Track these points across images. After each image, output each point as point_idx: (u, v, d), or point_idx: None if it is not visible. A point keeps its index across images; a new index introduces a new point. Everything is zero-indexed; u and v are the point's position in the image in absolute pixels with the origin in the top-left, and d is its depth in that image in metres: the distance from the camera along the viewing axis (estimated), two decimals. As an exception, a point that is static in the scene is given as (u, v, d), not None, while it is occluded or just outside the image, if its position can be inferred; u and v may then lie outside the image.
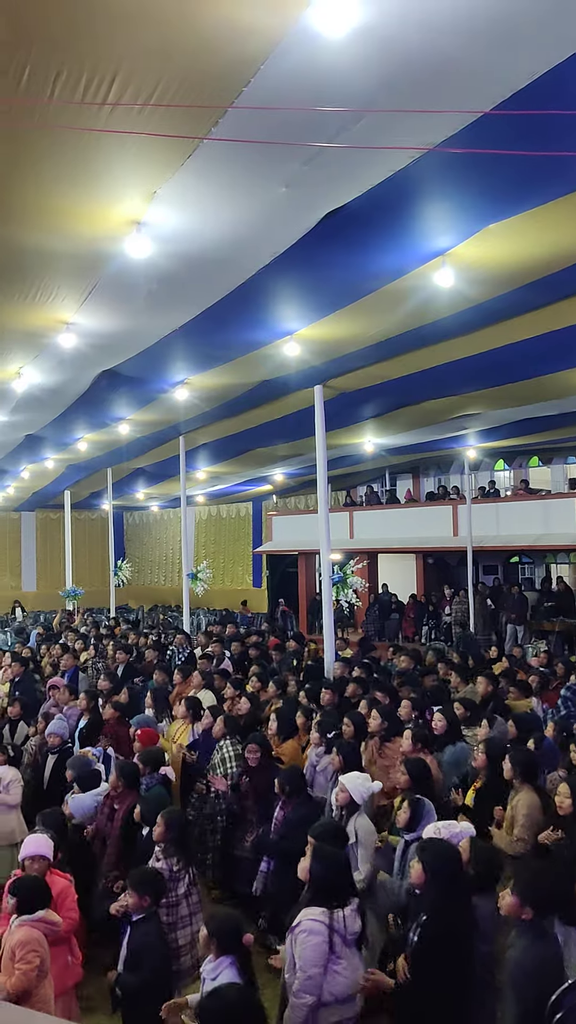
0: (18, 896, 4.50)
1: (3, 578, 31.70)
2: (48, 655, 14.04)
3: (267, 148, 5.23)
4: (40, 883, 4.68)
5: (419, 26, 4.23)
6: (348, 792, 5.57)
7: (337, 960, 4.10)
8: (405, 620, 21.60)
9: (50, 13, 4.08)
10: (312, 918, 4.14)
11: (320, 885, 4.33)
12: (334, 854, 4.54)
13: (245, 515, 29.99)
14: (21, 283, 7.86)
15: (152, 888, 4.60)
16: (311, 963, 4.02)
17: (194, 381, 12.01)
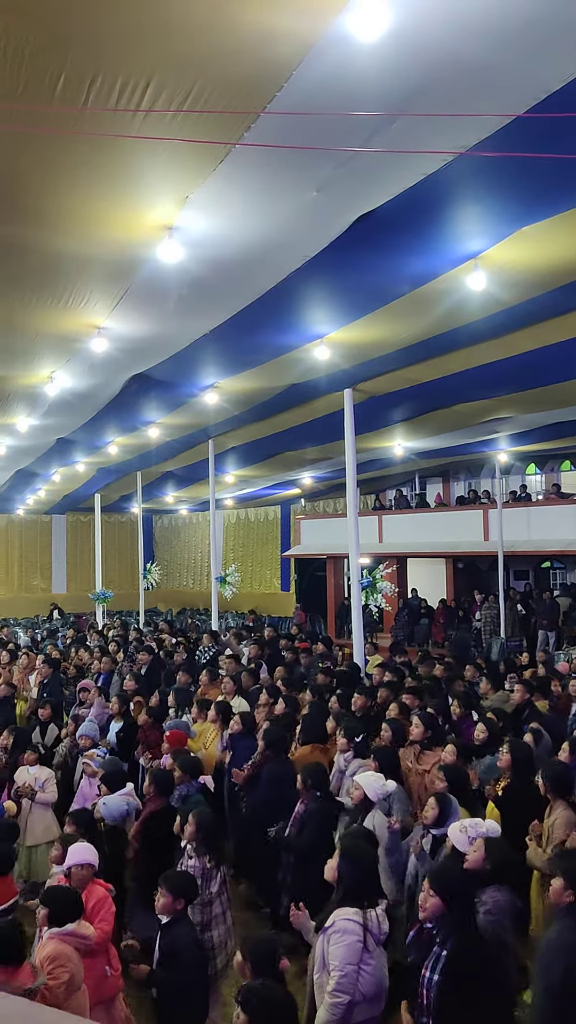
0: (49, 907, 4.42)
1: (34, 580, 31.99)
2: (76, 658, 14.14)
3: (299, 152, 5.23)
4: (72, 894, 4.58)
5: (452, 28, 4.21)
6: (363, 790, 5.63)
7: (368, 960, 4.11)
8: (435, 625, 21.47)
9: (85, 21, 4.11)
10: (346, 918, 4.14)
11: (350, 884, 4.33)
12: (363, 852, 4.52)
13: (273, 519, 30.01)
14: (54, 288, 7.93)
15: (184, 891, 4.58)
16: (347, 962, 4.02)
17: (224, 385, 12.05)
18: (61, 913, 4.39)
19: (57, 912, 4.39)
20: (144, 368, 11.07)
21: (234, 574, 17.51)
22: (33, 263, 7.32)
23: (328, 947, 4.11)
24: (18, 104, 4.74)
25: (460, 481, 24.87)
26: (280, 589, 29.07)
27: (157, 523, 35.29)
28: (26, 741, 8.33)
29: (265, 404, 13.32)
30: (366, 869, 4.42)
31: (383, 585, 11.41)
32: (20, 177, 5.73)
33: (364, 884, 4.34)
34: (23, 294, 8.09)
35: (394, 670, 10.41)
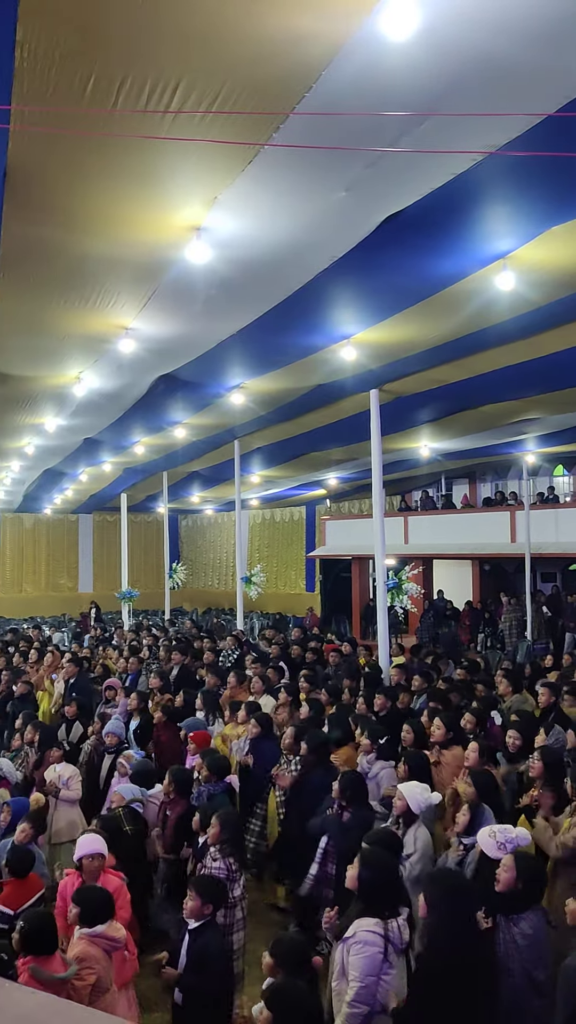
0: (81, 907, 4.43)
1: (61, 579, 32.25)
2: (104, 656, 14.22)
3: (328, 153, 5.22)
4: (104, 895, 4.58)
5: (483, 27, 4.18)
6: (405, 801, 5.47)
7: (388, 970, 4.06)
8: (460, 627, 21.35)
9: (116, 23, 4.13)
10: (368, 929, 4.09)
11: (369, 893, 4.25)
12: (384, 860, 4.45)
13: (299, 519, 30.01)
14: (82, 289, 7.98)
15: (214, 896, 4.57)
16: (367, 973, 3.98)
17: (250, 385, 12.06)
18: (92, 913, 4.39)
19: (89, 911, 4.40)
20: (171, 369, 11.11)
21: (259, 574, 17.52)
22: (62, 265, 7.37)
23: (348, 957, 4.07)
24: (48, 106, 4.78)
25: (487, 482, 24.71)
26: (305, 590, 29.06)
27: (183, 523, 35.42)
28: (52, 738, 8.40)
29: (291, 404, 13.32)
30: (387, 878, 4.33)
31: (409, 586, 11.36)
32: (49, 179, 5.77)
33: (385, 894, 4.26)
34: (52, 295, 8.14)
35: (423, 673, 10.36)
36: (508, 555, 20.54)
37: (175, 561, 22.57)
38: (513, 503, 21.26)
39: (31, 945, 4.10)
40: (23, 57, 4.34)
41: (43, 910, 4.56)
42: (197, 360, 10.59)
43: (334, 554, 25.24)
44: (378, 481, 11.82)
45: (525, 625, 18.65)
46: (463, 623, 21.43)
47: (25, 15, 3.98)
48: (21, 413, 13.83)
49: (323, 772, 6.58)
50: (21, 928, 4.16)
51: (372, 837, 4.93)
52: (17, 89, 4.61)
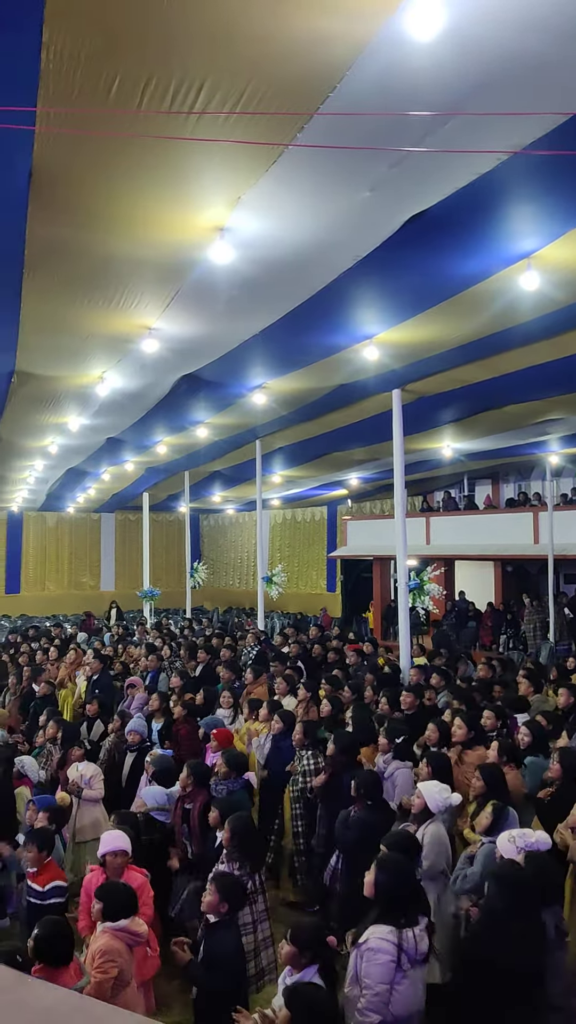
0: (104, 901, 4.47)
1: (83, 577, 32.45)
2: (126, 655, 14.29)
3: (352, 152, 5.21)
4: (127, 890, 4.64)
5: (508, 26, 4.15)
6: (424, 799, 5.47)
7: (401, 979, 4.00)
8: (482, 628, 21.25)
9: (140, 24, 4.14)
10: (380, 936, 4.04)
11: (386, 899, 4.21)
12: (401, 865, 4.40)
13: (320, 519, 29.99)
14: (106, 289, 8.02)
15: (233, 895, 4.58)
16: (379, 981, 3.93)
17: (272, 385, 12.07)
18: (116, 908, 4.44)
19: (112, 906, 4.45)
20: (193, 368, 11.14)
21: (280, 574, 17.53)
22: (86, 265, 7.41)
23: (361, 964, 4.04)
24: (73, 107, 4.80)
25: (510, 483, 24.55)
26: (326, 590, 29.04)
27: (204, 522, 35.52)
28: (75, 736, 8.45)
29: (313, 404, 13.31)
30: (403, 884, 4.28)
31: (431, 587, 11.33)
32: (74, 180, 5.80)
33: (401, 901, 4.21)
34: (76, 295, 8.19)
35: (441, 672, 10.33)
36: (531, 556, 20.40)
37: (196, 560, 22.63)
38: (536, 504, 21.12)
39: (44, 954, 4.06)
40: (49, 59, 4.36)
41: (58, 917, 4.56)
42: (219, 360, 10.62)
43: (355, 554, 25.19)
44: (400, 481, 11.79)
45: (548, 627, 18.53)
46: (485, 624, 21.32)
47: (51, 17, 4.00)
48: (45, 412, 13.92)
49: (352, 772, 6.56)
50: (35, 935, 4.12)
51: (390, 840, 4.90)
52: (43, 91, 4.64)
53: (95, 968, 4.21)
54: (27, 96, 4.65)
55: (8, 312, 8.49)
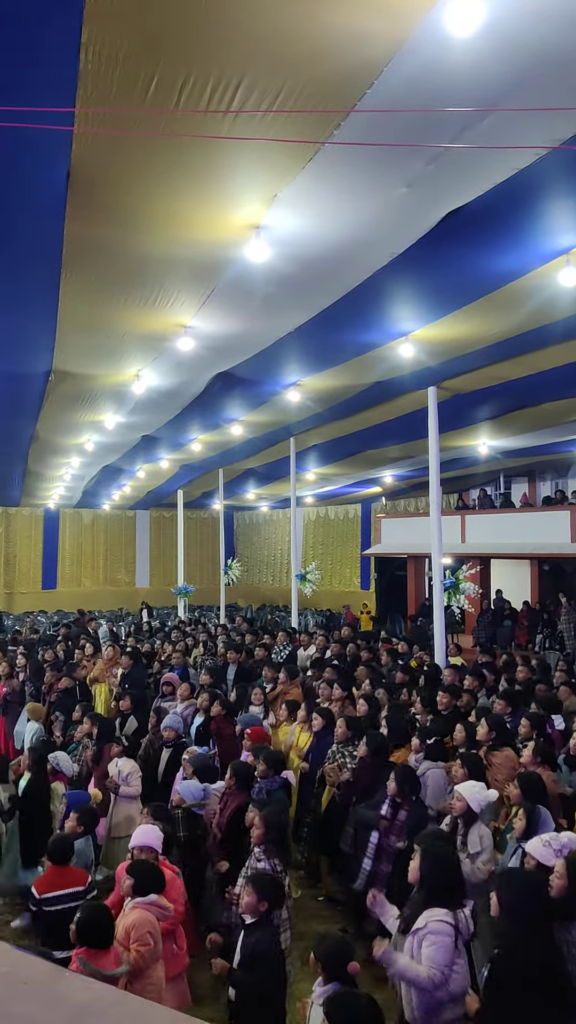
0: (135, 878, 4.67)
1: (118, 574, 32.72)
2: (161, 651, 14.38)
3: (389, 149, 5.18)
4: (155, 868, 4.85)
5: (548, 21, 4.10)
6: (465, 801, 5.44)
7: (458, 959, 4.11)
8: (518, 628, 21.06)
9: (178, 24, 4.15)
10: (439, 919, 4.12)
11: (433, 884, 4.30)
12: (444, 852, 4.49)
13: (354, 517, 29.92)
14: (142, 288, 8.07)
15: (271, 894, 4.59)
16: (442, 963, 4.01)
17: (307, 383, 12.06)
18: (145, 883, 4.64)
19: (142, 882, 4.65)
20: (228, 366, 11.18)
21: (314, 572, 17.54)
22: (123, 264, 7.46)
23: (421, 949, 4.08)
24: (111, 107, 4.84)
25: (546, 481, 24.28)
26: (360, 588, 28.97)
27: (238, 519, 35.63)
28: (110, 732, 8.51)
29: (348, 402, 13.28)
30: (449, 868, 4.40)
31: (466, 586, 11.26)
32: (111, 180, 5.84)
33: (449, 883, 4.32)
34: (113, 295, 8.25)
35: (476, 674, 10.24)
36: (568, 555, 20.17)
37: (230, 557, 22.72)
38: (573, 502, 20.87)
39: (85, 937, 4.22)
40: (87, 59, 4.40)
41: (99, 903, 4.67)
42: (254, 358, 10.64)
43: (389, 552, 25.09)
44: (435, 479, 11.73)
45: (585, 626, 18.31)
46: (521, 623, 21.13)
47: (90, 18, 4.03)
48: (81, 410, 14.05)
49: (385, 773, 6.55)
50: (77, 919, 4.30)
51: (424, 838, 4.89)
52: (81, 92, 4.68)
53: (134, 940, 4.32)
54: (66, 97, 4.69)
55: (46, 312, 8.58)
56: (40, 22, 4.09)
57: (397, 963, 4.08)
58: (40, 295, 8.10)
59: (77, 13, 3.99)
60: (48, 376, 11.36)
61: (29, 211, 6.22)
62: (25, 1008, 1.36)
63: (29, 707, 10.44)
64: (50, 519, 31.37)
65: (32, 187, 5.84)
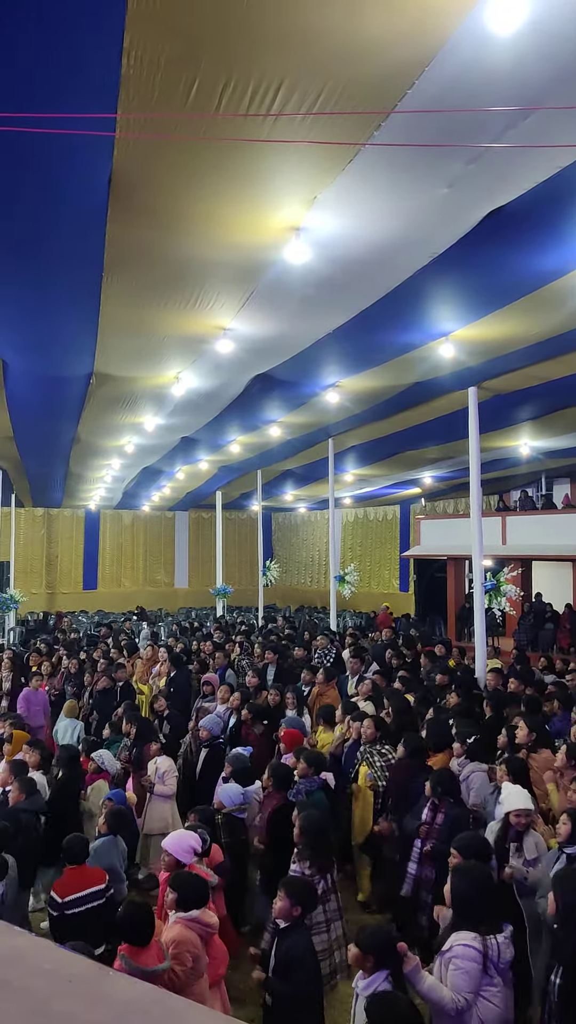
0: (178, 892, 4.56)
1: (157, 575, 32.96)
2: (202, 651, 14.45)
3: (430, 149, 5.15)
4: (199, 881, 4.70)
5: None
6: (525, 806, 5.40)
7: (488, 985, 3.95)
8: (560, 631, 20.77)
9: (219, 28, 4.17)
10: (464, 943, 3.99)
11: (463, 905, 4.15)
12: (477, 873, 4.34)
13: (392, 518, 29.79)
14: (182, 291, 8.12)
15: (304, 898, 4.57)
16: (466, 990, 3.89)
17: (345, 384, 12.04)
18: (188, 899, 4.52)
19: (185, 896, 4.53)
20: (267, 368, 11.20)
21: (353, 573, 17.49)
22: (163, 268, 7.51)
23: (445, 972, 3.99)
24: (152, 112, 4.87)
25: (589, 482, 23.94)
26: (399, 589, 28.83)
27: (276, 520, 35.67)
28: (149, 732, 8.58)
29: (387, 403, 13.23)
30: (480, 890, 4.21)
31: (507, 588, 11.14)
32: (152, 183, 5.88)
33: (479, 906, 4.14)
34: (153, 298, 8.31)
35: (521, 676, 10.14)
36: (611, 557, 19.85)
37: (268, 558, 22.75)
38: (616, 504, 20.55)
39: (127, 934, 4.23)
40: (129, 65, 4.43)
41: (142, 900, 4.66)
42: (293, 359, 10.64)
43: (429, 554, 24.92)
44: (476, 480, 11.63)
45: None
46: (563, 626, 20.84)
47: (132, 23, 4.06)
48: (122, 412, 14.17)
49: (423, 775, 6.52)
50: (119, 916, 4.31)
51: (461, 842, 4.84)
52: (123, 97, 4.71)
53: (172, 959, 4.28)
54: (108, 102, 4.73)
55: (88, 315, 8.67)
56: (83, 29, 4.14)
57: (424, 983, 3.94)
58: (82, 298, 8.18)
59: (119, 19, 4.02)
60: (89, 379, 11.49)
61: (71, 216, 6.29)
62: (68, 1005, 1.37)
63: (66, 705, 10.60)
64: (91, 520, 31.71)
65: (74, 192, 5.91)
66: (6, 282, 7.76)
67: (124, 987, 1.58)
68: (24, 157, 5.28)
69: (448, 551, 23.39)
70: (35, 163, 5.39)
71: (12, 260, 7.19)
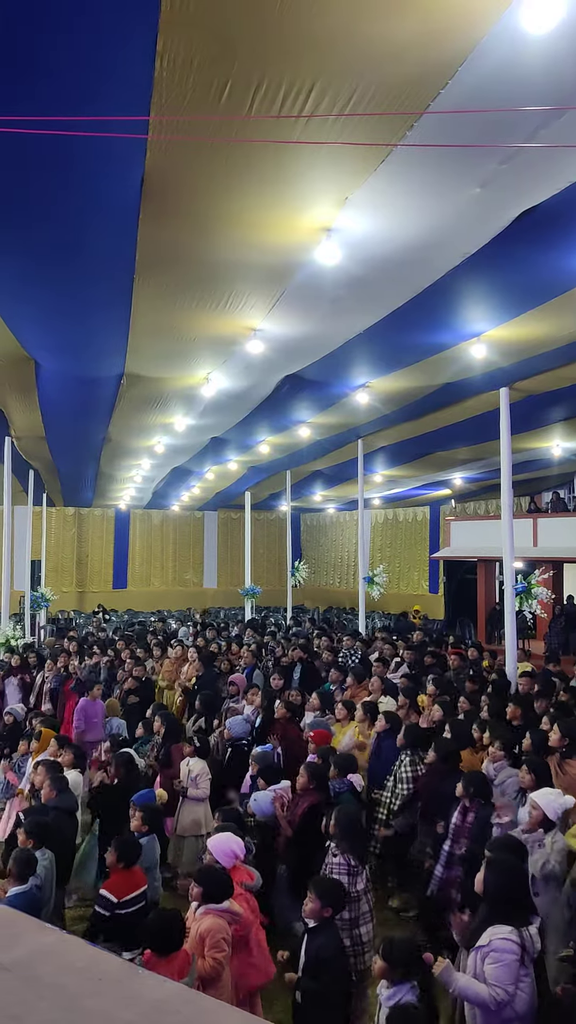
0: (203, 885, 4.69)
1: (186, 574, 33.12)
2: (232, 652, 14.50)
3: (462, 149, 5.12)
4: (225, 876, 4.84)
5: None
6: (541, 809, 5.35)
7: (524, 977, 4.03)
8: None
9: (252, 30, 4.17)
10: (503, 937, 4.05)
11: (497, 899, 4.20)
12: (512, 866, 4.38)
13: (422, 519, 29.65)
14: (213, 292, 8.14)
15: (333, 898, 4.61)
16: (507, 982, 3.94)
17: (375, 384, 12.01)
18: (214, 892, 4.66)
19: (210, 892, 4.66)
20: (297, 368, 11.20)
21: (382, 574, 17.43)
22: (194, 269, 7.54)
23: (484, 967, 4.02)
24: (184, 115, 4.89)
25: (622, 484, 23.65)
26: (428, 591, 28.69)
27: (305, 521, 35.66)
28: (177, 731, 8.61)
29: (417, 403, 13.18)
30: (515, 883, 4.28)
31: (538, 591, 11.04)
32: (183, 185, 5.91)
33: (513, 899, 4.21)
34: (185, 299, 8.35)
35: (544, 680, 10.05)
36: None
37: (297, 559, 22.75)
38: None
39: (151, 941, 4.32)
40: (162, 67, 4.45)
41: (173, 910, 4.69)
42: (323, 360, 10.63)
43: (459, 555, 24.76)
44: (507, 481, 11.54)
45: None
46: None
47: (166, 26, 4.08)
48: (152, 413, 14.25)
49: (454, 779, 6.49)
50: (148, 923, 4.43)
51: (496, 843, 4.84)
52: (156, 99, 4.74)
53: (209, 947, 4.35)
54: (141, 105, 4.76)
55: (119, 316, 8.73)
56: (116, 32, 4.16)
57: (458, 982, 3.98)
58: (114, 300, 8.24)
59: (153, 22, 4.04)
60: (120, 379, 11.57)
61: (104, 218, 6.34)
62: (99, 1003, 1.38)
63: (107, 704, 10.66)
64: (121, 520, 31.94)
65: (107, 194, 5.96)
66: (40, 284, 7.84)
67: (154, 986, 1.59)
68: (59, 161, 5.33)
69: (478, 553, 23.21)
70: (70, 167, 5.44)
71: (47, 263, 7.26)
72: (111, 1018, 1.34)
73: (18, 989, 1.36)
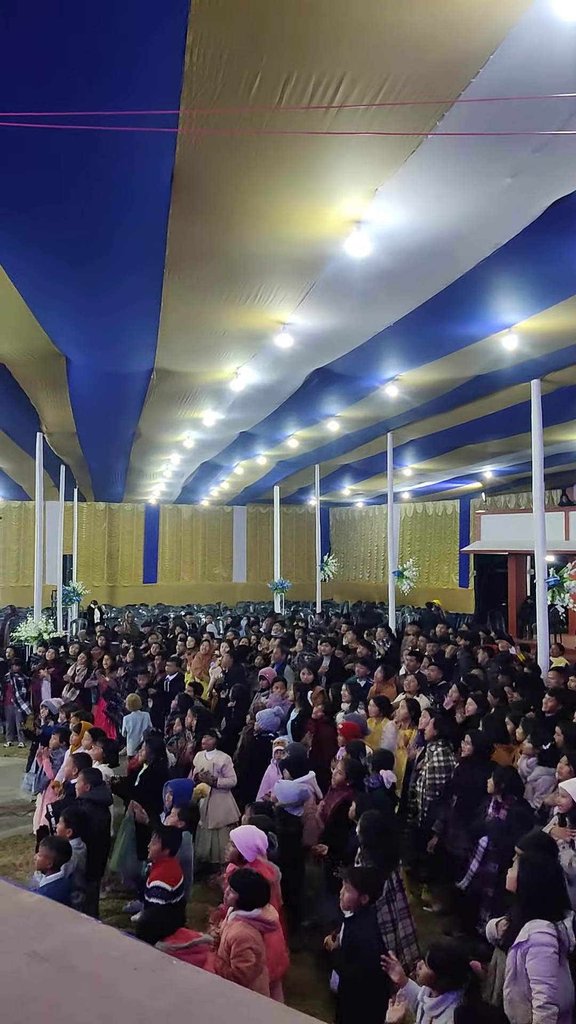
0: (239, 891, 4.60)
1: (216, 569, 33.22)
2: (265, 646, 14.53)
3: (494, 138, 5.06)
4: (260, 880, 4.74)
5: None
6: (571, 798, 5.34)
7: (562, 972, 4.04)
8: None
9: (281, 22, 4.15)
10: (541, 931, 4.06)
11: (531, 895, 4.22)
12: (544, 862, 4.40)
13: (452, 513, 29.47)
14: (243, 286, 8.14)
15: (370, 886, 4.61)
16: (551, 975, 3.94)
17: (405, 377, 11.94)
18: (249, 898, 4.57)
19: (246, 895, 4.58)
20: (326, 362, 11.17)
21: (411, 568, 17.37)
22: (224, 263, 7.54)
23: (525, 962, 4.02)
24: (214, 108, 4.89)
25: None
26: (458, 585, 28.52)
27: (334, 515, 35.61)
28: (209, 724, 8.66)
29: (447, 396, 13.09)
30: (548, 878, 4.30)
31: (570, 584, 10.94)
32: (213, 179, 5.91)
33: (548, 895, 4.22)
34: (214, 293, 8.35)
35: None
36: None
37: (326, 553, 22.73)
38: None
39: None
40: (192, 61, 4.45)
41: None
42: (352, 353, 10.59)
43: (489, 549, 24.58)
44: (539, 474, 11.43)
45: None
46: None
47: (196, 19, 4.08)
48: (181, 408, 14.30)
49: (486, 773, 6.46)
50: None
51: (527, 841, 4.81)
52: (186, 93, 4.74)
53: (234, 956, 4.32)
54: (171, 99, 4.77)
55: (149, 311, 8.76)
56: (147, 26, 4.17)
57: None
58: (144, 295, 8.27)
59: (183, 16, 4.04)
60: (150, 374, 11.61)
61: (134, 212, 6.35)
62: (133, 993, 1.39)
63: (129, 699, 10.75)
64: (151, 514, 32.10)
65: (137, 188, 5.97)
66: (71, 280, 7.89)
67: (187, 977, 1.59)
68: (89, 156, 5.35)
69: (509, 546, 23.02)
70: (101, 162, 5.46)
71: (77, 258, 7.30)
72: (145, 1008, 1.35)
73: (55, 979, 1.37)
